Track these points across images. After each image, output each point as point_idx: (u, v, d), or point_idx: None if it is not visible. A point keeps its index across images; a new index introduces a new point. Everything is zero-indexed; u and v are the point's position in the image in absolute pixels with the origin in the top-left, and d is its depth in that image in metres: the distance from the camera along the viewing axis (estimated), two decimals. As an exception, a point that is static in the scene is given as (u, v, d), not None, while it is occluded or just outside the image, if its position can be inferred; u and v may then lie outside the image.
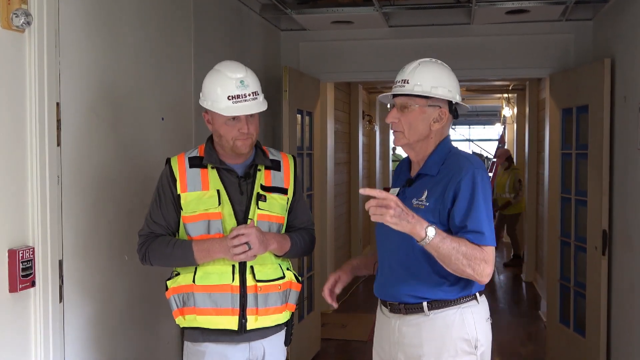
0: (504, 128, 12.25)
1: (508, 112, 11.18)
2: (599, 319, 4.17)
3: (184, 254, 2.32)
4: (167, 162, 2.44)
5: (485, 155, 16.24)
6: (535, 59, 5.10)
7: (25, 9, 2.12)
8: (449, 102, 2.25)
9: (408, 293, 2.21)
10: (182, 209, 2.37)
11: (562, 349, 4.80)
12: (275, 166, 2.48)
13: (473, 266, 2.05)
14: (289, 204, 2.51)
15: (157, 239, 2.38)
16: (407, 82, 2.22)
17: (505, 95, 10.83)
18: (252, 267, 2.36)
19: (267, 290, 2.38)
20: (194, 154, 2.45)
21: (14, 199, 2.15)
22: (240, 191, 2.39)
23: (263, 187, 2.42)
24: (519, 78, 8.10)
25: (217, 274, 2.34)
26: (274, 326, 2.44)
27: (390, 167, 11.53)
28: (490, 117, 17.67)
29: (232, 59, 2.50)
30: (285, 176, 2.50)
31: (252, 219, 2.37)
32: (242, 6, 4.45)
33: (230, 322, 2.34)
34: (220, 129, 2.35)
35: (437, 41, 5.13)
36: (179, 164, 2.41)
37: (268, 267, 2.40)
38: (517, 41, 5.09)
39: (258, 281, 2.36)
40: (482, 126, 22.36)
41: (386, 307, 2.32)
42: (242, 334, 2.36)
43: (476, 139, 21.14)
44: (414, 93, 2.20)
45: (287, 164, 2.53)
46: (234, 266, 2.34)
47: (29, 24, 2.13)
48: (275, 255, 2.44)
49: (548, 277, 5.26)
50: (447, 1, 4.68)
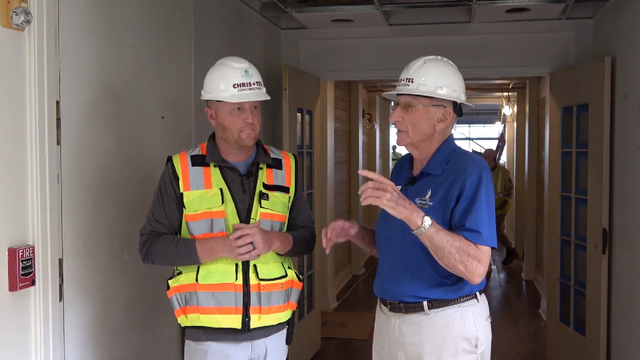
0: (504, 126, 12.24)
1: (508, 110, 11.17)
2: (599, 318, 4.17)
3: (188, 253, 2.32)
4: (169, 160, 2.44)
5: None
6: (536, 57, 5.10)
7: (25, 7, 2.12)
8: (454, 101, 2.24)
9: (408, 292, 2.21)
10: (184, 208, 2.37)
11: (562, 347, 4.80)
12: (276, 165, 2.49)
13: (465, 263, 2.04)
14: (290, 203, 2.51)
15: (159, 238, 2.38)
16: (412, 81, 2.21)
17: (506, 93, 10.82)
18: (255, 266, 2.36)
19: (270, 288, 2.38)
20: (196, 152, 2.44)
21: (14, 198, 2.15)
22: (243, 189, 2.39)
23: (265, 186, 2.43)
24: (519, 76, 8.09)
25: (220, 272, 2.34)
26: (276, 325, 2.44)
27: (390, 166, 11.52)
28: (490, 115, 17.64)
29: (227, 57, 2.50)
30: (287, 175, 2.50)
31: (256, 218, 2.37)
32: (242, 5, 4.45)
33: (234, 320, 2.34)
34: (225, 120, 2.35)
35: (437, 39, 5.12)
36: (181, 162, 2.40)
37: (271, 266, 2.41)
38: (518, 39, 5.09)
39: (261, 280, 2.36)
40: (482, 125, 22.34)
41: (386, 306, 2.32)
42: (245, 332, 2.36)
43: (476, 138, 21.12)
44: (418, 93, 2.20)
45: (289, 162, 2.54)
46: (237, 265, 2.34)
47: (28, 22, 2.13)
48: (277, 253, 2.44)
49: (548, 275, 5.26)
50: (447, -1, 4.68)
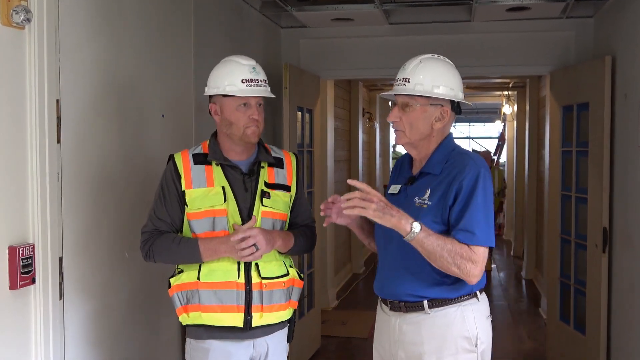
0: (504, 125, 12.24)
1: (508, 109, 11.17)
2: (599, 317, 4.17)
3: (190, 253, 2.32)
4: (171, 158, 2.44)
5: (485, 149, 16.19)
6: (536, 56, 5.09)
7: (25, 5, 2.12)
8: (451, 100, 2.23)
9: (408, 291, 2.21)
10: (187, 206, 2.37)
11: (562, 346, 4.80)
12: (278, 163, 2.50)
13: (458, 265, 2.05)
14: (291, 201, 2.52)
15: (161, 236, 2.38)
16: (408, 81, 2.20)
17: (506, 92, 10.82)
18: (257, 265, 2.37)
19: (271, 287, 2.38)
20: (198, 150, 2.45)
21: (14, 196, 2.15)
22: (245, 188, 2.40)
23: (267, 184, 2.43)
24: (519, 75, 8.09)
25: (222, 271, 2.34)
26: (278, 323, 2.45)
27: (390, 165, 11.53)
28: (490, 114, 17.65)
29: (231, 55, 2.50)
30: (288, 173, 2.51)
31: (257, 217, 2.38)
32: (242, 4, 4.45)
33: (236, 319, 2.34)
34: (231, 116, 2.36)
35: (438, 38, 5.12)
36: (183, 161, 2.40)
37: (273, 264, 2.41)
38: (518, 38, 5.09)
39: (263, 278, 2.37)
40: (482, 123, 22.34)
41: (386, 305, 2.32)
42: (247, 331, 2.37)
43: (476, 137, 21.12)
44: (414, 93, 2.19)
45: (290, 161, 2.54)
46: (239, 263, 2.35)
47: (29, 20, 2.12)
48: (279, 252, 2.44)
49: (548, 274, 5.26)
50: (447, -2, 4.68)
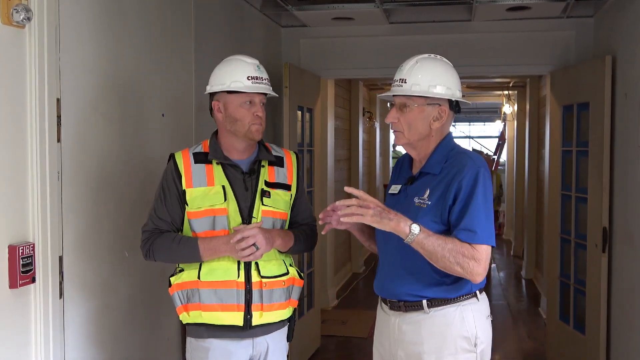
0: (504, 125, 12.23)
1: (508, 109, 11.16)
2: (598, 317, 4.17)
3: (190, 252, 2.33)
4: (171, 157, 2.44)
5: (485, 152, 16.22)
6: (536, 56, 5.09)
7: (25, 4, 2.12)
8: (449, 99, 2.23)
9: (408, 291, 2.21)
10: (187, 205, 2.38)
11: (562, 346, 4.80)
12: (278, 162, 2.50)
13: (461, 264, 2.05)
14: (292, 200, 2.52)
15: (162, 235, 2.38)
16: (405, 82, 2.20)
17: (506, 92, 10.81)
18: (257, 264, 2.37)
19: (271, 286, 2.39)
20: (199, 149, 2.45)
21: (14, 195, 2.15)
22: (245, 187, 2.40)
23: (267, 183, 2.44)
24: (519, 75, 8.09)
25: (222, 270, 2.35)
26: (278, 322, 2.45)
27: (391, 164, 11.52)
28: (490, 114, 17.65)
29: (233, 55, 2.51)
30: (289, 172, 2.51)
31: (257, 216, 2.38)
32: (242, 3, 4.45)
33: (236, 318, 2.35)
34: (235, 112, 2.37)
35: (438, 38, 5.12)
36: (183, 160, 2.41)
37: (272, 263, 2.41)
38: (518, 38, 5.09)
39: (263, 277, 2.37)
40: (483, 123, 22.34)
41: (386, 305, 2.32)
42: (247, 330, 2.37)
43: (476, 136, 21.12)
44: (411, 93, 2.19)
45: (290, 160, 2.55)
46: (239, 262, 2.35)
47: (29, 19, 2.12)
48: (279, 251, 2.45)
49: (548, 274, 5.26)
50: (448, -2, 4.68)
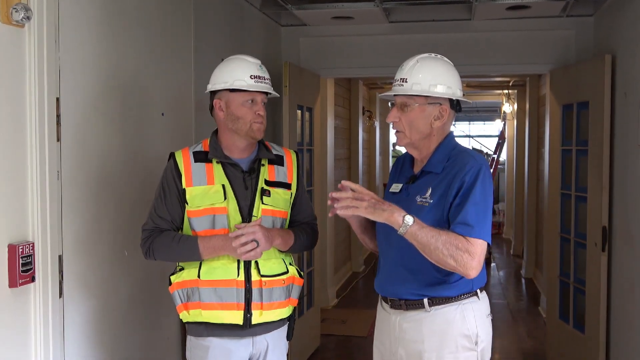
0: (504, 124, 12.22)
1: (508, 108, 11.16)
2: (598, 316, 4.17)
3: (190, 250, 2.33)
4: (171, 156, 2.45)
5: (485, 151, 16.23)
6: (536, 55, 5.09)
7: (24, 3, 2.12)
8: (450, 98, 2.23)
9: (408, 290, 2.22)
10: (187, 204, 2.38)
11: (562, 345, 4.80)
12: (278, 161, 2.50)
13: (455, 257, 2.03)
14: (292, 199, 2.52)
15: (162, 234, 2.39)
16: (406, 81, 2.21)
17: (506, 91, 10.81)
18: (256, 262, 2.37)
19: (271, 285, 2.39)
20: (199, 148, 2.45)
21: (14, 195, 2.14)
22: (245, 186, 2.40)
23: (267, 182, 2.44)
24: (519, 74, 8.09)
25: (222, 268, 2.35)
26: (277, 321, 2.45)
27: (390, 163, 11.52)
28: (490, 113, 17.65)
29: (233, 54, 2.52)
30: (289, 171, 2.51)
31: (258, 215, 2.39)
32: (242, 2, 4.44)
33: (236, 316, 2.35)
34: (237, 111, 2.37)
35: (438, 37, 5.12)
36: (183, 159, 2.41)
37: (272, 262, 2.42)
38: (518, 37, 5.09)
39: (263, 276, 2.37)
40: (482, 122, 22.33)
41: (387, 303, 2.32)
42: (246, 328, 2.37)
43: (476, 135, 21.11)
44: (412, 93, 2.19)
45: (290, 159, 2.55)
46: (239, 261, 2.35)
47: (28, 18, 2.12)
48: (279, 250, 2.45)
49: (548, 273, 5.26)
50: (447, -3, 4.68)
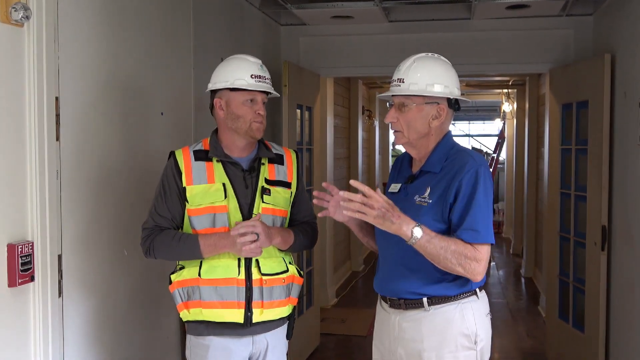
0: (504, 123, 12.24)
1: (508, 107, 11.16)
2: (598, 315, 4.17)
3: (191, 249, 2.33)
4: (171, 155, 2.45)
5: (485, 150, 16.24)
6: (535, 54, 5.09)
7: (24, 3, 2.11)
8: (448, 97, 2.23)
9: (408, 289, 2.22)
10: (187, 202, 2.38)
11: (562, 344, 4.80)
12: (278, 160, 2.51)
13: (463, 265, 2.07)
14: (292, 198, 2.53)
15: (162, 233, 2.39)
16: (403, 81, 2.21)
17: (505, 90, 10.81)
18: (257, 261, 2.38)
19: (272, 283, 2.39)
20: (199, 147, 2.46)
21: (13, 194, 2.14)
22: (245, 184, 2.41)
23: (267, 181, 2.44)
24: (519, 73, 8.08)
25: (222, 267, 2.35)
26: (277, 320, 2.46)
27: (390, 162, 11.52)
28: (489, 112, 17.67)
29: (232, 53, 2.52)
30: (289, 170, 2.52)
31: (258, 212, 2.39)
32: (242, 1, 4.44)
33: (236, 315, 2.35)
34: (238, 110, 2.38)
35: (437, 36, 5.12)
36: (184, 157, 2.42)
37: (272, 261, 2.42)
38: (517, 36, 5.09)
39: (263, 274, 2.38)
40: (482, 122, 22.34)
41: (386, 303, 2.32)
42: (247, 327, 2.37)
43: (476, 135, 21.12)
44: (409, 93, 2.19)
45: (290, 158, 2.55)
46: (239, 260, 2.36)
47: (27, 18, 2.12)
48: (278, 249, 2.45)
49: (547, 272, 5.26)
50: (447, -4, 4.68)
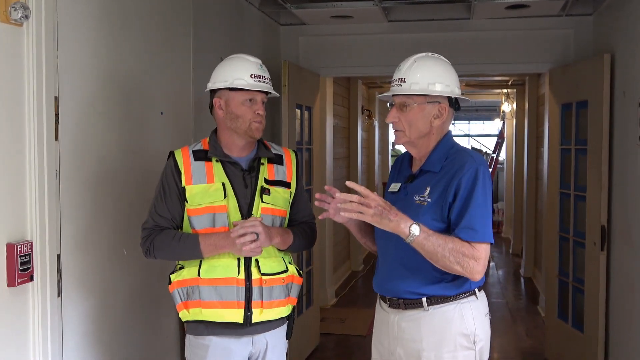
0: (503, 123, 12.23)
1: (507, 107, 11.16)
2: (597, 315, 4.17)
3: (191, 249, 2.33)
4: (171, 155, 2.45)
5: (484, 150, 16.24)
6: (535, 54, 5.10)
7: (23, 2, 2.11)
8: (449, 96, 2.24)
9: (407, 289, 2.22)
10: (187, 202, 2.38)
11: (561, 344, 4.80)
12: (278, 160, 2.51)
13: (461, 263, 2.06)
14: (291, 198, 2.53)
15: (162, 233, 2.39)
16: (404, 81, 2.21)
17: (505, 90, 10.81)
18: (257, 260, 2.38)
19: (271, 283, 2.39)
20: (198, 147, 2.46)
21: (12, 194, 2.14)
22: (245, 184, 2.41)
23: (267, 181, 2.44)
24: (518, 73, 8.08)
25: (222, 267, 2.35)
26: (277, 320, 2.46)
27: (390, 162, 11.52)
28: (489, 112, 17.65)
29: (232, 53, 2.52)
30: (288, 170, 2.52)
31: (257, 213, 2.39)
32: (241, 1, 4.44)
33: (236, 315, 2.35)
34: (237, 109, 2.38)
35: (437, 36, 5.12)
36: (183, 157, 2.42)
37: (272, 260, 2.42)
38: (517, 36, 5.09)
39: (263, 274, 2.38)
40: (482, 121, 22.33)
41: (385, 303, 2.32)
42: (247, 327, 2.37)
43: (475, 134, 21.11)
44: (411, 92, 2.20)
45: (289, 158, 2.55)
46: (239, 259, 2.36)
47: (27, 17, 2.12)
48: (277, 249, 2.45)
49: (547, 272, 5.26)
50: (446, -4, 4.68)
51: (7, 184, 2.12)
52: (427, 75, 2.20)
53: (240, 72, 2.37)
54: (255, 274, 2.37)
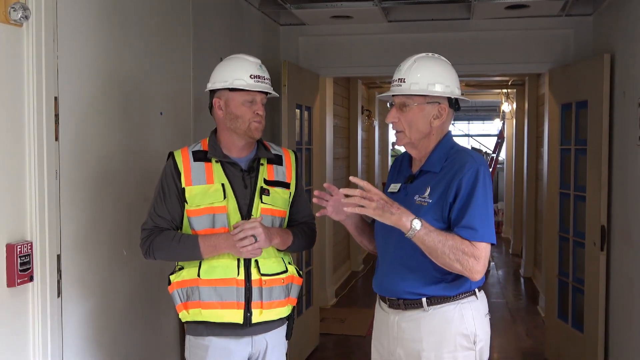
0: (503, 123, 12.24)
1: (507, 107, 11.17)
2: (597, 315, 4.17)
3: (191, 250, 2.33)
4: (170, 155, 2.45)
5: (484, 150, 16.24)
6: (535, 54, 5.10)
7: (23, 2, 2.11)
8: (449, 97, 2.24)
9: (407, 289, 2.22)
10: (186, 203, 2.38)
11: (561, 344, 4.81)
12: (277, 160, 2.51)
13: (461, 261, 2.06)
14: (291, 198, 2.53)
15: (161, 233, 2.39)
16: (404, 81, 2.21)
17: (505, 90, 10.81)
18: (256, 261, 2.38)
19: (271, 283, 2.39)
20: (198, 147, 2.46)
21: (12, 194, 2.14)
22: (244, 185, 2.41)
23: (266, 181, 2.44)
24: (518, 73, 8.08)
25: (222, 267, 2.35)
26: (277, 320, 2.46)
27: (389, 162, 11.52)
28: (489, 112, 17.66)
29: (232, 53, 2.52)
30: (287, 171, 2.52)
31: (257, 214, 2.39)
32: (241, 1, 4.44)
33: (236, 315, 2.35)
34: (237, 110, 2.38)
35: (437, 36, 5.12)
36: (182, 158, 2.42)
37: (272, 261, 2.42)
38: (517, 36, 5.09)
39: (263, 275, 2.38)
40: (481, 121, 22.34)
41: (385, 303, 2.32)
42: (246, 327, 2.37)
43: (475, 135, 21.11)
44: (410, 92, 2.20)
45: (289, 158, 2.55)
46: (239, 260, 2.36)
47: (26, 18, 2.12)
48: (277, 249, 2.45)
49: (546, 272, 5.26)
50: (446, -4, 4.68)
51: (7, 184, 2.12)
52: (427, 76, 2.20)
53: (240, 73, 2.37)
54: (255, 275, 2.37)
